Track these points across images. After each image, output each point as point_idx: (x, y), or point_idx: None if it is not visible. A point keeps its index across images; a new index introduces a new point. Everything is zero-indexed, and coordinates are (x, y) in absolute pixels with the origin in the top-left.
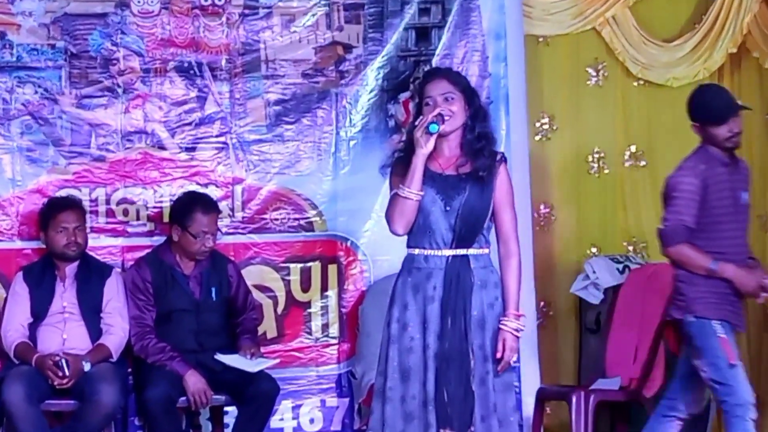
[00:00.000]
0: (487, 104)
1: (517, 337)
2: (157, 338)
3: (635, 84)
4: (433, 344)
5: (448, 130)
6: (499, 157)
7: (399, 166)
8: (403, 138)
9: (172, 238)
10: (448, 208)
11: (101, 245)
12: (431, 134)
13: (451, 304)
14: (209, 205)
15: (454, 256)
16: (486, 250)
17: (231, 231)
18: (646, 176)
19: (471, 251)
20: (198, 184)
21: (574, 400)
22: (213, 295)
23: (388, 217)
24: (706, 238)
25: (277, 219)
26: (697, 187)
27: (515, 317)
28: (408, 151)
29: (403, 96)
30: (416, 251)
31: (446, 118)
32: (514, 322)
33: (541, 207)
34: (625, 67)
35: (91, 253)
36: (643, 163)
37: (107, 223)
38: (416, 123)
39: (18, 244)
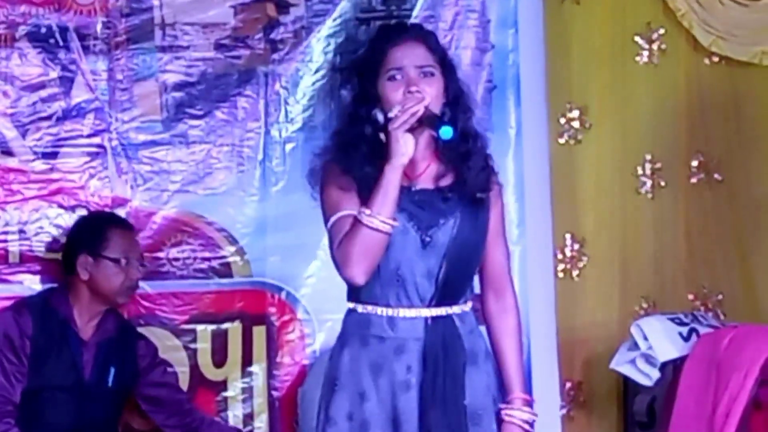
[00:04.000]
0: (488, 90)
1: None
2: (19, 426)
3: (707, 61)
4: None
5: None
6: (491, 163)
7: (336, 171)
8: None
9: (69, 285)
10: (426, 245)
11: None
12: (442, 140)
13: (439, 391)
14: (124, 222)
15: (435, 318)
16: (470, 305)
17: None
18: (722, 196)
19: (455, 309)
20: (61, 206)
21: None
22: (110, 377)
23: (343, 256)
24: None
25: (177, 259)
26: None
27: (524, 403)
28: (350, 145)
29: None
30: (376, 310)
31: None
32: (523, 411)
33: (567, 241)
34: (692, 35)
35: None
36: (717, 176)
37: None
38: (390, 114)
39: None
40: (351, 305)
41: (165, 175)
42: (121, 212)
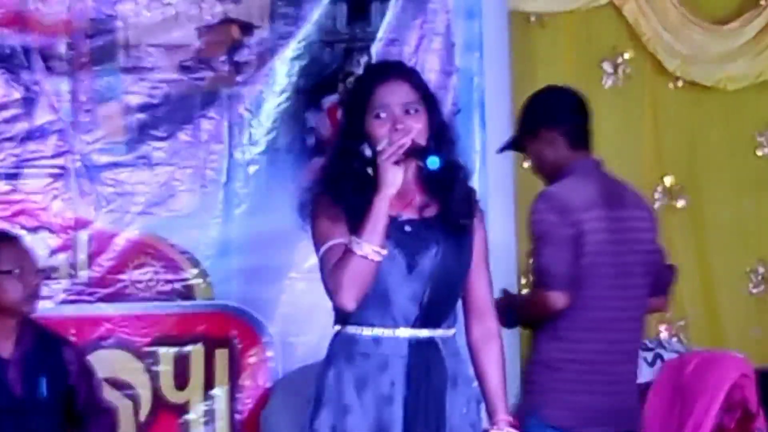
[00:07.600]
0: (452, 113)
1: None
2: None
3: (672, 86)
4: None
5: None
6: (475, 195)
7: (326, 202)
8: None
9: None
10: (412, 270)
11: None
12: (430, 171)
13: (422, 406)
14: (8, 234)
15: (419, 340)
16: (453, 331)
17: (72, 298)
18: (686, 221)
19: (439, 332)
20: (23, 227)
21: None
22: (43, 388)
23: (335, 283)
24: None
25: (140, 281)
26: None
27: (508, 424)
28: (339, 178)
29: (329, 101)
30: (360, 330)
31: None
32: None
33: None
34: (657, 60)
35: None
36: (681, 201)
37: None
38: (379, 148)
39: None
40: (337, 328)
41: (128, 197)
42: (84, 235)
